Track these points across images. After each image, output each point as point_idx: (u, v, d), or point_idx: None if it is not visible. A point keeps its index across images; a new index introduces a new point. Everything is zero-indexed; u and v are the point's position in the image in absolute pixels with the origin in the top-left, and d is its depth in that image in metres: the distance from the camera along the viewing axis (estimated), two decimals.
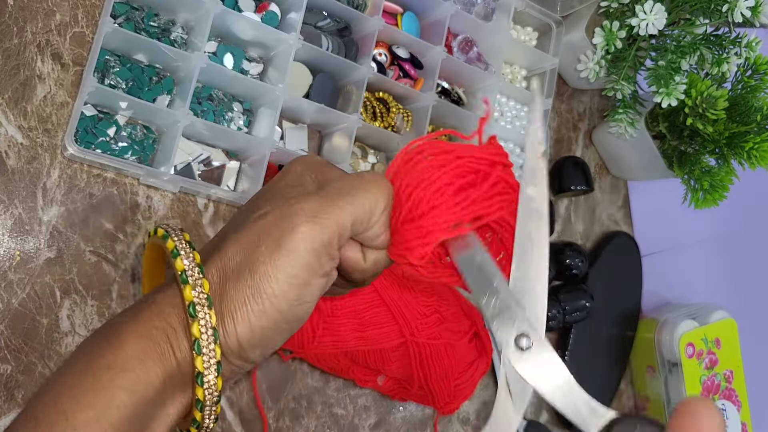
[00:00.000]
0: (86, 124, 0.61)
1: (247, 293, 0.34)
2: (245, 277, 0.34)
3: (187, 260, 0.34)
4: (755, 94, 0.75)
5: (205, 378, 0.33)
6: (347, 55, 0.71)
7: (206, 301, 0.33)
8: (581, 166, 0.88)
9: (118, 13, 0.62)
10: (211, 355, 0.33)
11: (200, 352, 0.33)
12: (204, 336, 0.33)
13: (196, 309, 0.33)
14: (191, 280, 0.34)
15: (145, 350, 0.33)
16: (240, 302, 0.34)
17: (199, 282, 0.34)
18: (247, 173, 0.67)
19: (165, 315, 0.34)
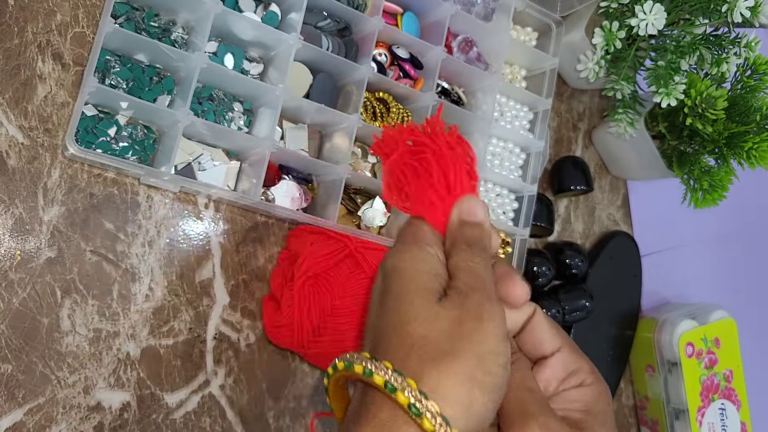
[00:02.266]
0: (87, 124, 0.61)
1: (465, 366, 0.35)
2: (461, 352, 0.35)
3: (383, 372, 0.34)
4: (754, 94, 0.75)
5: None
6: (347, 55, 0.71)
7: (421, 395, 0.33)
8: (581, 166, 0.88)
9: (118, 13, 0.62)
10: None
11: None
12: (439, 426, 0.33)
13: (417, 407, 0.33)
14: (397, 384, 0.34)
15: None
16: (459, 377, 0.35)
17: (406, 384, 0.34)
18: (248, 173, 0.67)
19: (386, 422, 0.34)
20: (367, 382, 0.35)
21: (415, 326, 0.36)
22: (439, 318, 0.36)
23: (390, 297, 0.38)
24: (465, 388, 0.34)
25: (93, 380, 0.59)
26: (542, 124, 0.82)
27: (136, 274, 0.62)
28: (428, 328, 0.36)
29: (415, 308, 0.37)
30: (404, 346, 0.36)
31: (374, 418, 0.35)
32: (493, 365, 0.35)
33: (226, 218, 0.67)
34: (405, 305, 0.37)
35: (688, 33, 0.74)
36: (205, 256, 0.65)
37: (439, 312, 0.36)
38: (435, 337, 0.35)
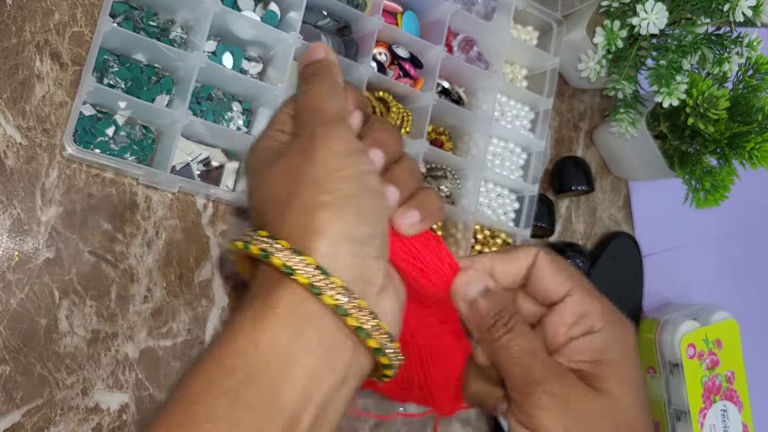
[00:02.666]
0: (85, 123, 0.60)
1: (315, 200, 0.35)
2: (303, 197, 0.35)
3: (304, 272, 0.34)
4: (756, 93, 0.75)
5: (363, 327, 0.33)
6: (347, 54, 0.71)
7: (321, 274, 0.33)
8: (582, 166, 0.87)
9: (117, 12, 0.62)
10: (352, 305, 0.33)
11: (345, 313, 0.33)
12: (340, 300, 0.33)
13: (320, 289, 0.33)
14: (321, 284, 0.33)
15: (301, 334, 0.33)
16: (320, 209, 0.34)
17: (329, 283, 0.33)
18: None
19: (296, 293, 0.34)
20: (250, 255, 0.36)
21: (262, 191, 0.37)
22: (275, 170, 0.36)
23: (250, 175, 0.39)
24: (306, 220, 0.34)
25: (91, 381, 0.59)
26: (543, 124, 0.82)
27: (134, 274, 0.62)
28: (271, 185, 0.36)
29: (260, 174, 0.37)
30: (268, 213, 0.36)
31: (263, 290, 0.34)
32: (333, 181, 0.34)
33: (225, 219, 0.67)
34: (256, 176, 0.38)
35: (690, 32, 0.74)
36: (204, 256, 0.65)
37: (276, 164, 0.36)
38: (276, 191, 0.35)
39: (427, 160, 0.77)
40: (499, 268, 0.40)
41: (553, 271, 0.39)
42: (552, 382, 0.36)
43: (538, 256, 0.39)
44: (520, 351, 0.37)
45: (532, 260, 0.39)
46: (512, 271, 0.40)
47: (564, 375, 0.37)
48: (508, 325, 0.38)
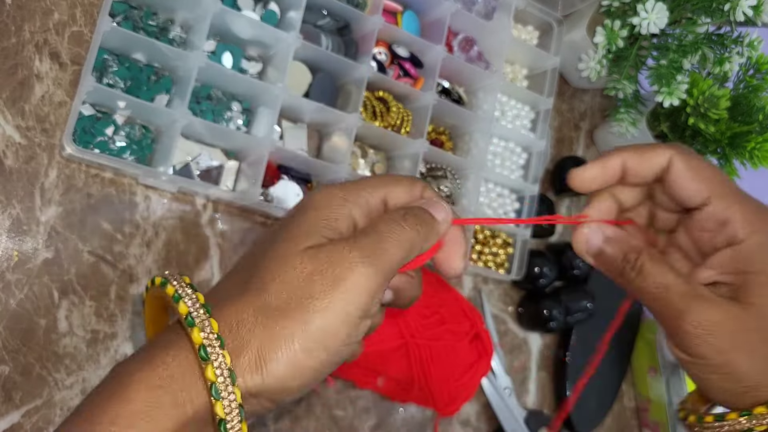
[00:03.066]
0: (84, 123, 0.60)
1: (294, 330, 0.32)
2: (293, 314, 0.32)
3: (190, 302, 0.32)
4: (757, 93, 0.75)
5: (228, 424, 0.31)
6: (347, 54, 0.71)
7: (217, 341, 0.31)
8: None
9: (116, 12, 0.62)
10: (231, 399, 0.31)
11: (219, 396, 0.31)
12: (221, 379, 0.31)
13: (208, 351, 0.31)
14: (198, 321, 0.31)
15: (155, 401, 0.30)
16: (283, 341, 0.32)
17: (207, 323, 0.31)
18: (246, 173, 0.67)
19: (178, 359, 0.32)
20: (174, 310, 0.33)
21: (267, 269, 0.33)
22: (294, 266, 0.33)
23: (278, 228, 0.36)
24: (277, 355, 0.32)
25: (91, 382, 0.59)
26: (543, 124, 0.82)
27: (133, 275, 0.62)
28: (277, 274, 0.33)
29: (281, 248, 0.34)
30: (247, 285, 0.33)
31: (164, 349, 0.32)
32: (317, 349, 0.32)
33: (224, 219, 0.66)
34: (276, 242, 0.35)
35: (691, 32, 0.74)
36: (204, 256, 0.65)
37: (299, 259, 0.33)
38: (278, 288, 0.33)
39: (427, 160, 0.77)
40: (630, 166, 0.39)
41: (689, 175, 0.37)
42: (694, 311, 0.35)
43: (674, 159, 0.37)
44: (655, 288, 0.36)
45: (667, 162, 0.37)
46: (643, 171, 0.38)
47: (705, 300, 0.35)
48: (636, 267, 0.37)
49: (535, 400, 0.81)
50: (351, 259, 0.33)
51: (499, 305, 0.81)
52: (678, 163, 0.37)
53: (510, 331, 0.81)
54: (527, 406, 0.80)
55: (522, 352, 0.81)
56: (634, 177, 0.39)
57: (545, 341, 0.83)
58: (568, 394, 0.80)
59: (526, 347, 0.81)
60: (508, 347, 0.80)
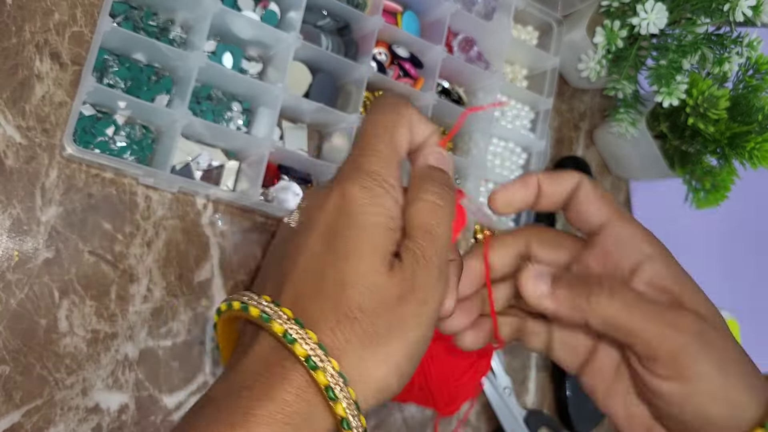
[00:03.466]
0: (85, 123, 0.60)
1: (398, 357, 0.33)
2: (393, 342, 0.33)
3: (307, 346, 0.31)
4: (757, 93, 0.75)
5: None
6: (347, 54, 0.71)
7: (340, 378, 0.31)
8: (582, 166, 0.87)
9: (116, 12, 0.62)
10: (357, 425, 0.32)
11: (349, 427, 0.32)
12: (348, 413, 0.31)
13: (335, 392, 0.31)
14: (320, 364, 0.31)
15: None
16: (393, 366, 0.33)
17: (328, 364, 0.31)
18: (246, 173, 0.67)
19: (302, 396, 0.32)
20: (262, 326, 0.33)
21: (355, 293, 0.33)
22: (383, 290, 0.33)
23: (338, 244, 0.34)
24: (384, 373, 0.32)
25: (91, 382, 0.59)
26: (543, 124, 0.82)
27: (134, 274, 0.62)
28: (368, 299, 0.33)
29: (360, 271, 0.33)
30: (337, 312, 0.33)
31: (286, 382, 0.32)
32: (417, 355, 0.33)
33: (224, 219, 0.66)
34: (351, 265, 0.33)
35: (690, 32, 0.74)
36: (204, 256, 0.65)
37: (386, 284, 0.33)
38: (372, 311, 0.33)
39: None
40: (545, 187, 0.40)
41: (594, 197, 0.39)
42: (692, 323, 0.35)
43: (582, 181, 0.39)
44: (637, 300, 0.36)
45: (576, 184, 0.39)
46: (557, 191, 0.39)
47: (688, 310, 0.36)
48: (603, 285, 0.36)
49: (535, 400, 0.81)
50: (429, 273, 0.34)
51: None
52: (585, 185, 0.39)
53: None
54: (527, 406, 0.80)
55: (522, 352, 0.81)
56: (547, 198, 0.40)
57: None
58: (568, 395, 0.80)
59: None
60: (508, 347, 0.80)
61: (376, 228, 0.34)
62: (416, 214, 0.35)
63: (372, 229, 0.34)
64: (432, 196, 0.35)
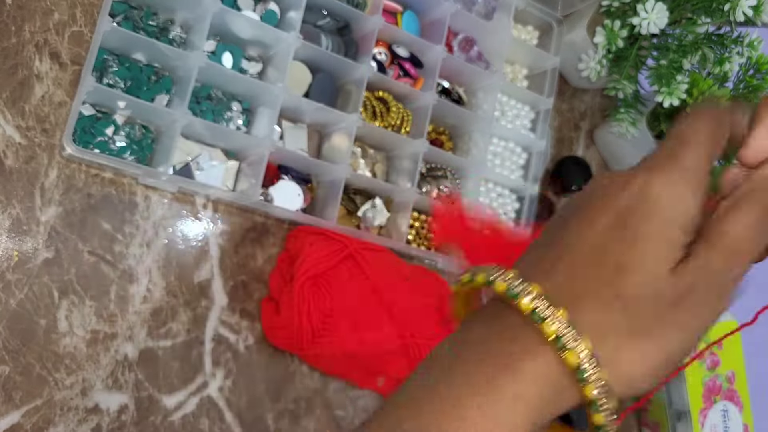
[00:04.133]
0: (84, 123, 0.60)
1: (662, 358, 0.32)
2: (657, 340, 0.32)
3: (557, 324, 0.31)
4: (757, 93, 0.75)
5: (606, 429, 0.31)
6: (347, 54, 0.71)
7: (593, 360, 0.31)
8: (582, 166, 0.87)
9: (116, 12, 0.62)
10: (608, 409, 0.31)
11: (598, 410, 0.31)
12: (600, 395, 0.31)
13: (586, 374, 0.30)
14: (571, 344, 0.31)
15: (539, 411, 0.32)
16: (655, 365, 0.32)
17: (581, 345, 0.31)
18: (246, 173, 0.67)
19: (551, 372, 0.31)
20: (509, 303, 0.32)
21: (633, 280, 0.32)
22: (661, 287, 0.32)
23: (629, 227, 0.32)
24: (639, 370, 0.31)
25: (91, 382, 0.59)
26: (543, 124, 0.82)
27: (133, 275, 0.62)
28: (645, 290, 0.31)
29: (646, 260, 0.32)
30: (609, 293, 0.32)
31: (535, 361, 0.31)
32: (672, 365, 0.32)
33: (224, 219, 0.66)
34: (638, 250, 0.32)
35: (690, 32, 0.74)
36: (204, 256, 0.65)
37: (666, 281, 0.32)
38: (646, 304, 0.31)
39: (427, 160, 0.77)
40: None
41: None
42: None
43: None
44: None
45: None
46: None
47: None
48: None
49: None
50: (711, 294, 0.33)
51: None
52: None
53: None
54: None
55: None
56: None
57: None
58: None
59: None
60: None
61: (673, 224, 0.32)
62: (729, 223, 0.33)
63: (669, 224, 0.32)
64: (760, 213, 0.33)
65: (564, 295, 0.32)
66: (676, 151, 0.34)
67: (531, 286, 0.32)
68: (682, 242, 0.33)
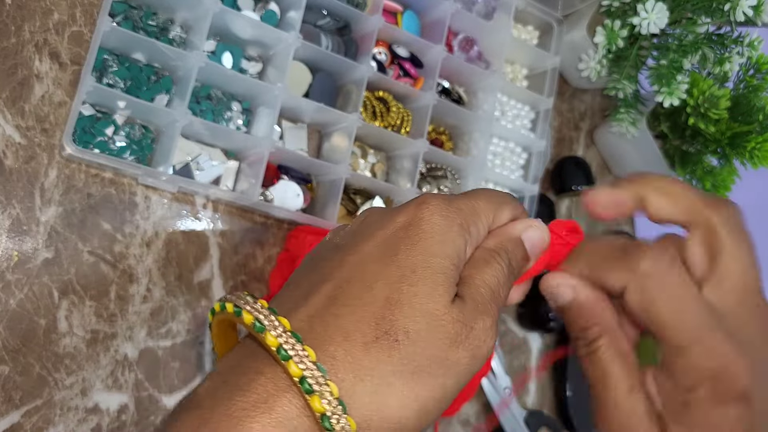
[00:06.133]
0: (84, 123, 0.60)
1: (434, 393, 0.30)
2: (432, 380, 0.30)
3: (303, 365, 0.28)
4: (757, 93, 0.75)
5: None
6: (347, 54, 0.71)
7: (339, 406, 0.28)
8: (583, 166, 0.87)
9: (116, 12, 0.62)
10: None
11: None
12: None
13: (332, 421, 0.28)
14: (317, 387, 0.28)
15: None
16: (420, 402, 0.30)
17: (326, 389, 0.28)
18: (246, 173, 0.67)
19: (301, 418, 0.28)
20: (255, 337, 0.29)
21: (405, 314, 0.30)
22: (438, 323, 0.30)
23: (399, 259, 0.31)
24: (406, 411, 0.29)
25: (91, 382, 0.59)
26: (544, 124, 0.82)
27: (133, 275, 0.62)
28: (419, 326, 0.30)
29: (419, 294, 0.30)
30: (377, 329, 0.29)
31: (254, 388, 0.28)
32: (445, 404, 0.30)
33: (224, 219, 0.66)
34: (410, 283, 0.30)
35: (691, 32, 0.74)
36: (204, 256, 0.65)
37: (444, 318, 0.30)
38: (420, 341, 0.29)
39: (427, 160, 0.77)
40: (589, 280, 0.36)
41: (641, 307, 0.34)
42: (617, 426, 0.33)
43: (630, 286, 0.34)
44: (594, 378, 0.34)
45: (622, 287, 0.34)
46: (605, 287, 0.36)
47: (634, 422, 0.33)
48: (589, 348, 0.35)
49: (535, 400, 0.81)
50: (487, 326, 0.31)
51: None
52: (633, 296, 0.34)
53: (510, 331, 0.81)
54: (527, 406, 0.80)
55: (522, 352, 0.81)
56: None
57: (545, 341, 0.83)
58: (568, 395, 0.80)
59: (526, 347, 0.81)
60: (508, 347, 0.80)
61: (446, 258, 0.31)
62: (488, 271, 0.33)
63: (442, 257, 0.31)
64: (506, 269, 0.34)
65: (318, 331, 0.29)
66: (455, 197, 0.34)
67: (279, 320, 0.29)
68: (454, 278, 0.31)
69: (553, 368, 0.83)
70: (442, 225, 0.32)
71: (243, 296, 0.31)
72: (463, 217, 0.33)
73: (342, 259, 0.32)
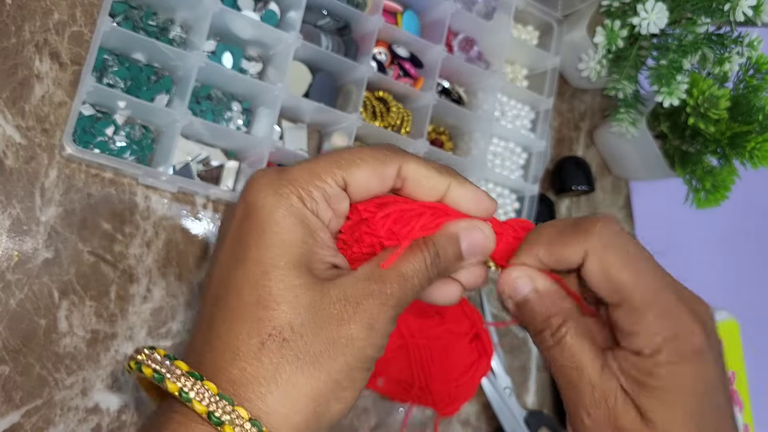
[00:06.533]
0: (84, 123, 0.60)
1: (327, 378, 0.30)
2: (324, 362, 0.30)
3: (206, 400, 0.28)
4: (757, 93, 0.75)
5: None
6: (347, 54, 0.71)
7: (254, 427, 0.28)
8: (582, 166, 0.87)
9: (116, 12, 0.62)
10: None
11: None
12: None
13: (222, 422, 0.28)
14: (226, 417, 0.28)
15: None
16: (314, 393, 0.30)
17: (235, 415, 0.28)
18: (246, 173, 0.67)
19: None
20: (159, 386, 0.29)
21: (280, 310, 0.29)
22: (317, 306, 0.29)
23: (248, 257, 0.30)
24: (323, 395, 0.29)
25: (91, 382, 0.59)
26: (543, 124, 0.82)
27: (134, 275, 0.62)
28: (298, 316, 0.29)
29: (283, 286, 0.29)
30: (260, 334, 0.29)
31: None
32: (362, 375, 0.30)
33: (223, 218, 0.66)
34: (270, 278, 0.29)
35: (691, 32, 0.74)
36: (204, 256, 0.65)
37: (320, 300, 0.29)
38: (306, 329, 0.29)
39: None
40: (546, 261, 0.35)
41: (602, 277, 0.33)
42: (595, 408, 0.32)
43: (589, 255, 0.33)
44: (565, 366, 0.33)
45: (581, 258, 0.34)
46: (558, 266, 0.35)
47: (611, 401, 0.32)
48: (556, 336, 0.34)
49: (535, 400, 0.81)
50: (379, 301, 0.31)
51: (499, 305, 0.81)
52: (592, 263, 0.33)
53: (510, 331, 0.81)
54: (527, 406, 0.80)
55: (522, 352, 0.81)
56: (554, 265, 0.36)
57: None
58: None
59: (526, 347, 0.81)
60: (508, 347, 0.80)
61: (298, 240, 0.30)
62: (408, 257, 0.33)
63: (294, 242, 0.30)
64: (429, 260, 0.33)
65: (210, 360, 0.29)
66: (289, 167, 0.33)
67: (176, 365, 0.29)
68: (309, 254, 0.30)
69: None
70: (279, 206, 0.31)
71: (141, 350, 0.31)
72: (300, 186, 0.32)
73: (210, 276, 0.31)
